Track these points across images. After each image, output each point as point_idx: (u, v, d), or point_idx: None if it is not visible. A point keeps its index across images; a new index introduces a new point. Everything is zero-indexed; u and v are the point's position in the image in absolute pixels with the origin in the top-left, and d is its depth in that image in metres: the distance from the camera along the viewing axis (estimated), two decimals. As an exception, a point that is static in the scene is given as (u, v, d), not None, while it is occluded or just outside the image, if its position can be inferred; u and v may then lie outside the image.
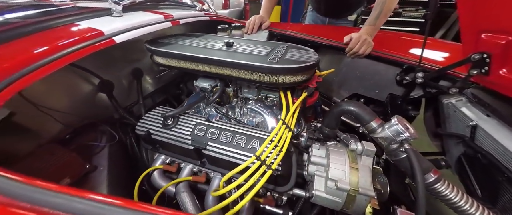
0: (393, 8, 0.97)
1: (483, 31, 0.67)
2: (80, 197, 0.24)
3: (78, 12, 0.55)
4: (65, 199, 0.24)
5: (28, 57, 0.40)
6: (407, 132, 0.45)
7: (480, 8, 0.65)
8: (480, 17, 0.67)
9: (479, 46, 0.70)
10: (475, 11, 0.67)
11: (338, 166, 0.45)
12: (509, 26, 0.62)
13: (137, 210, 0.24)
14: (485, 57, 0.69)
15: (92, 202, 0.24)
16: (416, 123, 1.09)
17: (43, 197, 0.24)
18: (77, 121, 0.66)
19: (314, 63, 0.54)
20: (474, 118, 0.75)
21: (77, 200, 0.24)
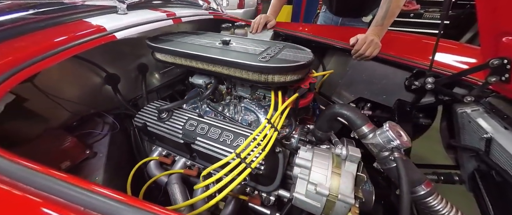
0: (401, 6, 0.90)
1: (504, 34, 0.61)
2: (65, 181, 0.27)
3: (86, 10, 0.60)
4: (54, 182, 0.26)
5: (38, 49, 0.44)
6: (398, 139, 0.43)
7: (502, 8, 0.59)
8: (502, 18, 0.60)
9: (499, 50, 0.63)
10: (496, 11, 0.61)
11: (320, 170, 0.44)
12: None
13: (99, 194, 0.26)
14: (505, 63, 0.62)
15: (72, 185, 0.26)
16: (432, 132, 1.01)
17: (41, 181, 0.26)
18: (84, 110, 0.71)
19: (304, 63, 0.53)
20: (489, 130, 0.68)
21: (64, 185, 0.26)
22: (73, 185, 0.26)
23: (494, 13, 0.61)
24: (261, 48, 0.64)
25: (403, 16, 2.21)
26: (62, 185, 0.26)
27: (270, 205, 0.62)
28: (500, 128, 0.67)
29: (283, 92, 0.61)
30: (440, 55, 0.95)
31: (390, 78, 0.97)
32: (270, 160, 0.52)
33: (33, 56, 0.42)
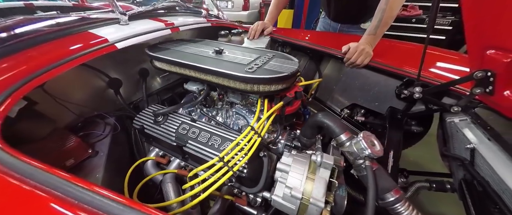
0: (394, 16, 0.92)
1: (488, 48, 0.63)
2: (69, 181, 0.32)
3: (92, 22, 0.66)
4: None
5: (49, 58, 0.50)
6: (369, 149, 0.45)
7: (487, 23, 0.61)
8: (486, 32, 0.62)
9: (483, 63, 0.65)
10: (482, 25, 0.62)
11: (296, 175, 0.47)
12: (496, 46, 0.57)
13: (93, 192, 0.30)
14: (489, 76, 0.64)
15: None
16: (433, 139, 1.00)
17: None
18: (88, 112, 0.77)
19: (288, 74, 0.56)
20: (474, 141, 0.70)
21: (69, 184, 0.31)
22: (74, 183, 0.31)
23: (479, 26, 0.63)
24: (251, 58, 0.68)
25: (405, 21, 2.19)
26: (64, 182, 0.31)
27: (257, 206, 0.66)
28: (484, 139, 0.68)
29: (270, 100, 0.65)
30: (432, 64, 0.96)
31: (382, 86, 0.99)
32: (254, 164, 0.56)
33: (44, 65, 0.48)
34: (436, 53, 1.08)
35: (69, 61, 0.51)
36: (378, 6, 0.94)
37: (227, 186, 0.64)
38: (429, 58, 1.03)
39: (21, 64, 0.48)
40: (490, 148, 0.65)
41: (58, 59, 0.51)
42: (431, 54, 1.08)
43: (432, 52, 1.09)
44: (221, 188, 0.67)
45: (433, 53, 1.09)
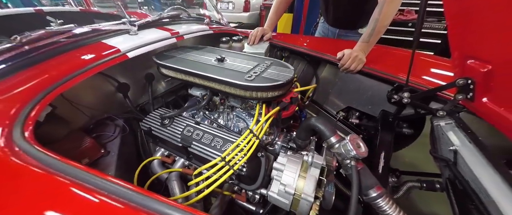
0: (387, 25, 0.98)
1: (469, 57, 0.68)
2: (95, 175, 0.37)
3: (104, 32, 0.72)
4: (84, 174, 0.37)
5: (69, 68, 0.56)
6: (355, 150, 0.51)
7: (468, 34, 0.66)
8: (467, 42, 0.68)
9: (465, 71, 0.71)
10: (463, 36, 0.68)
11: (290, 173, 0.53)
12: (490, 55, 0.63)
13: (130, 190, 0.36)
14: (469, 83, 0.69)
15: (102, 179, 0.37)
16: (425, 140, 1.05)
17: (73, 172, 0.37)
18: (99, 114, 0.83)
19: (283, 82, 0.62)
20: (456, 143, 0.75)
21: (94, 177, 0.37)
22: (91, 173, 0.37)
23: (461, 36, 0.68)
24: (250, 66, 0.74)
25: (402, 25, 2.25)
26: (82, 172, 0.37)
27: (255, 202, 0.72)
28: (465, 142, 0.74)
29: (267, 104, 0.71)
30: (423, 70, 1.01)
31: (375, 90, 1.05)
32: (252, 163, 0.62)
33: (66, 74, 0.54)
34: (427, 60, 1.14)
35: (87, 70, 0.57)
36: (372, 16, 1.00)
37: (228, 183, 0.70)
38: (421, 64, 1.09)
39: (45, 73, 0.54)
40: (470, 150, 0.70)
41: (78, 68, 0.57)
42: (424, 60, 1.13)
43: (425, 59, 1.15)
44: (223, 185, 0.73)
45: (425, 59, 1.14)
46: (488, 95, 0.66)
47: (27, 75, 0.53)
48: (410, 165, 1.66)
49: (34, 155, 0.38)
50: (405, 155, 1.70)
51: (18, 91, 0.49)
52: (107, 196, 0.34)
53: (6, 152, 0.37)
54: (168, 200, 0.34)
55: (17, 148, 0.38)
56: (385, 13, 0.96)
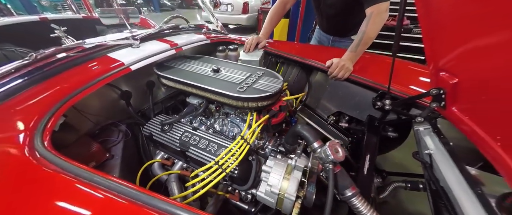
0: (374, 37, 1.05)
1: (441, 70, 0.75)
2: (102, 177, 0.44)
3: (109, 46, 0.78)
4: (95, 176, 0.44)
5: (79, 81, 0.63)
6: (333, 155, 0.58)
7: (439, 48, 0.73)
8: (439, 56, 0.75)
9: (438, 82, 0.78)
10: (435, 50, 0.75)
11: (275, 175, 0.60)
12: (456, 70, 0.70)
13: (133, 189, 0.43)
14: (441, 93, 0.77)
15: (109, 180, 0.44)
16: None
17: (84, 174, 0.44)
18: (104, 120, 0.90)
19: (272, 93, 0.69)
20: (431, 147, 0.82)
21: (101, 179, 0.43)
22: (98, 175, 0.44)
23: (434, 49, 0.75)
24: (243, 76, 0.81)
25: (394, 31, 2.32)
26: (91, 174, 0.43)
27: (248, 201, 0.79)
28: (439, 146, 0.81)
29: (258, 112, 0.78)
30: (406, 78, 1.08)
31: (362, 96, 1.12)
32: (243, 166, 0.68)
33: (77, 87, 0.61)
34: (414, 69, 1.21)
35: (95, 83, 0.64)
36: (360, 28, 1.07)
37: (222, 184, 0.77)
38: (407, 73, 1.16)
39: (58, 87, 0.61)
40: (442, 154, 0.77)
41: (87, 81, 0.63)
42: (411, 69, 1.20)
43: (412, 68, 1.22)
44: (218, 186, 0.79)
45: (412, 68, 1.21)
46: (456, 105, 0.73)
47: (43, 89, 0.60)
48: (400, 166, 1.74)
49: (53, 161, 0.45)
50: (395, 156, 1.77)
51: (36, 104, 0.56)
52: (113, 194, 0.41)
53: (30, 159, 0.44)
54: (167, 199, 0.41)
55: (39, 155, 0.45)
56: (371, 26, 1.04)
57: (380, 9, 1.04)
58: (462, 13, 0.55)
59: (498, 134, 0.55)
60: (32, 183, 0.42)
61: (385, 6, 1.05)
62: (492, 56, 0.53)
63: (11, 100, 0.56)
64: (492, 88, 0.59)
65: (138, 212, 0.39)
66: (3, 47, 1.33)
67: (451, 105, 0.75)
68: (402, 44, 2.24)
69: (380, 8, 1.04)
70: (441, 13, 0.61)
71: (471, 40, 0.58)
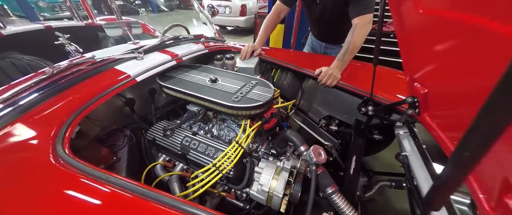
0: (359, 46, 1.14)
1: (415, 81, 0.84)
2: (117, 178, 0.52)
3: (115, 59, 0.86)
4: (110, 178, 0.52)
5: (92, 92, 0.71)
6: (316, 158, 0.66)
7: (411, 61, 0.82)
8: (412, 68, 0.84)
9: (413, 91, 0.87)
10: (409, 62, 0.84)
11: (266, 175, 0.68)
12: (426, 81, 0.79)
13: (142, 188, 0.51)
14: (415, 101, 0.86)
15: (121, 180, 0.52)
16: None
17: (102, 176, 0.52)
18: (110, 126, 0.98)
19: (263, 103, 0.77)
20: (408, 150, 0.91)
21: (115, 179, 0.51)
22: (110, 175, 0.51)
23: (408, 62, 0.84)
24: (238, 86, 0.89)
25: (384, 36, 2.42)
26: (104, 175, 0.51)
27: (243, 199, 0.87)
28: (414, 148, 0.90)
29: (252, 119, 0.86)
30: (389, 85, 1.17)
31: (349, 102, 1.21)
32: (238, 167, 0.77)
33: (90, 98, 0.68)
34: (399, 77, 1.30)
35: (105, 94, 0.72)
36: (346, 37, 1.16)
37: (219, 184, 0.85)
38: (394, 80, 1.25)
39: (73, 99, 0.68)
40: (416, 155, 0.86)
41: (98, 93, 0.71)
42: (398, 77, 1.29)
43: (399, 76, 1.31)
44: (215, 186, 0.87)
45: (399, 76, 1.31)
46: (427, 112, 0.82)
47: (59, 100, 0.67)
48: (389, 166, 1.83)
49: (74, 165, 0.53)
50: (385, 157, 1.86)
51: (55, 115, 0.63)
52: (126, 191, 0.49)
53: (55, 165, 0.52)
54: (172, 196, 0.49)
55: (62, 161, 0.53)
56: (356, 36, 1.13)
57: (365, 21, 1.13)
58: (425, 39, 0.64)
59: (456, 139, 0.64)
60: (58, 184, 0.50)
61: (368, 18, 1.14)
62: (447, 75, 0.62)
63: (32, 111, 0.64)
64: (449, 100, 0.68)
65: (146, 206, 0.47)
66: (10, 55, 1.40)
67: (424, 112, 0.84)
68: (389, 49, 2.33)
69: (365, 19, 1.13)
70: (412, 34, 0.71)
71: (433, 59, 0.67)
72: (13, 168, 0.52)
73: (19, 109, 0.62)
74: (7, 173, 0.51)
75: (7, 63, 1.33)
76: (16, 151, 0.55)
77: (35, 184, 0.49)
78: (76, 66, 0.78)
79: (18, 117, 0.61)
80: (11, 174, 0.51)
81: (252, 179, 0.79)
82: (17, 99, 0.64)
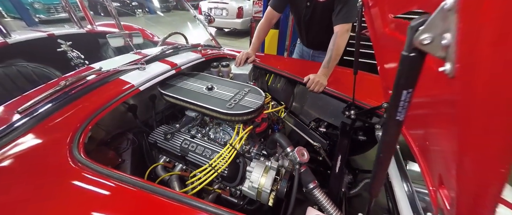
0: (341, 54, 1.25)
1: (388, 88, 0.95)
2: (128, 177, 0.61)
3: (120, 70, 0.95)
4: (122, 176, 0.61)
5: (101, 101, 0.79)
6: (299, 158, 0.76)
7: (383, 69, 0.92)
8: (385, 76, 0.94)
9: (387, 97, 0.97)
10: (382, 71, 0.94)
11: (256, 174, 0.78)
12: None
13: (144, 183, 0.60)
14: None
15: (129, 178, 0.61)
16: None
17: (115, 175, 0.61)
18: (114, 130, 1.06)
19: (254, 109, 0.87)
20: (384, 149, 1.02)
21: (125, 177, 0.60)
22: (118, 174, 0.60)
23: (382, 71, 0.94)
24: (232, 93, 0.98)
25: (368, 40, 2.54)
26: (114, 173, 0.60)
27: (237, 196, 0.97)
28: (390, 148, 1.00)
29: (244, 123, 0.96)
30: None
31: (335, 106, 1.32)
32: (232, 167, 0.86)
33: (99, 107, 0.77)
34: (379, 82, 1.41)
35: (113, 103, 0.80)
36: (328, 46, 1.26)
37: (215, 182, 0.95)
38: (372, 85, 1.36)
39: (84, 107, 0.77)
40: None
41: (106, 102, 0.80)
42: (377, 83, 1.40)
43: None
44: (212, 184, 0.97)
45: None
46: (399, 116, 0.93)
47: (72, 109, 0.76)
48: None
49: (90, 167, 0.62)
50: (372, 156, 1.98)
51: (69, 122, 0.72)
52: (135, 188, 0.58)
53: (74, 167, 0.60)
54: (174, 190, 0.58)
55: (80, 164, 0.61)
56: (337, 44, 1.23)
57: (343, 30, 1.24)
58: (392, 53, 0.74)
59: (418, 140, 0.75)
60: (76, 182, 0.58)
61: (347, 27, 1.25)
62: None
63: (49, 118, 0.72)
64: (412, 105, 0.79)
65: (154, 200, 0.56)
66: (16, 63, 1.47)
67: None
68: (372, 52, 2.44)
69: (343, 28, 1.24)
70: (384, 48, 0.81)
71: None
72: (37, 169, 0.60)
73: (37, 117, 0.71)
74: (32, 173, 0.59)
75: (13, 70, 1.40)
76: (37, 155, 0.63)
77: (56, 182, 0.58)
78: (85, 77, 0.86)
79: (37, 124, 0.70)
80: (35, 174, 0.59)
81: (244, 177, 0.88)
82: (36, 109, 0.72)
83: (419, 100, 0.48)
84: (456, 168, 0.31)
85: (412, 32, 0.27)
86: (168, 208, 0.55)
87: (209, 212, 0.52)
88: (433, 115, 0.48)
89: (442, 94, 0.38)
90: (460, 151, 0.29)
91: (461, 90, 0.24)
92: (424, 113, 0.55)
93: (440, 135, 0.45)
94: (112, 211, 0.55)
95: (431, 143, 0.57)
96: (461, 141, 0.29)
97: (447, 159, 0.37)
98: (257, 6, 3.40)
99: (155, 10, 10.47)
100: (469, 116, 0.25)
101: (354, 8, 1.24)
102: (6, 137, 0.65)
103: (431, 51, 0.26)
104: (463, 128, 0.27)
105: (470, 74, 0.22)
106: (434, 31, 0.25)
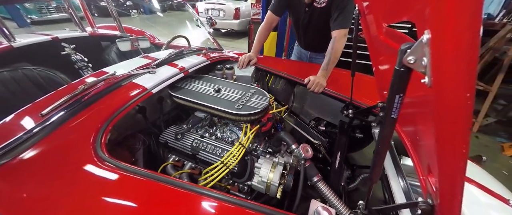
0: (339, 56, 1.33)
1: (383, 89, 1.03)
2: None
3: (133, 74, 1.00)
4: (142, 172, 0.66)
5: (117, 104, 0.84)
6: (304, 154, 0.83)
7: (378, 71, 1.00)
8: (380, 78, 1.02)
9: (382, 97, 1.06)
10: (377, 72, 1.02)
11: (264, 169, 0.85)
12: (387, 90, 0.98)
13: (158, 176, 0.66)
14: (384, 105, 1.04)
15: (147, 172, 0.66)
16: None
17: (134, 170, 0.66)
18: (125, 131, 1.11)
19: (260, 110, 0.94)
20: (380, 145, 1.10)
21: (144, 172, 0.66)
22: (136, 169, 0.66)
23: (377, 72, 1.02)
24: (239, 95, 1.05)
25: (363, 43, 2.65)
26: (132, 168, 0.66)
27: (245, 192, 1.03)
28: (386, 144, 1.09)
29: (251, 123, 1.02)
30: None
31: (334, 105, 1.40)
32: (241, 164, 0.92)
33: (116, 109, 0.82)
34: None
35: (130, 105, 0.86)
36: (327, 49, 1.34)
37: (224, 178, 1.01)
38: (369, 86, 1.45)
39: (103, 110, 0.82)
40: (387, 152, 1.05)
41: (123, 104, 0.85)
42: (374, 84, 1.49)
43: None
44: (221, 180, 1.03)
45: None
46: (393, 114, 1.01)
47: (92, 112, 0.81)
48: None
49: (114, 164, 0.67)
50: (369, 152, 2.08)
51: (90, 124, 0.77)
52: (152, 181, 0.64)
53: (100, 165, 0.66)
54: (190, 183, 0.64)
55: (105, 161, 0.67)
56: (335, 48, 1.32)
57: (340, 35, 1.32)
58: (384, 56, 0.82)
59: (410, 136, 0.83)
60: (103, 178, 0.64)
61: (344, 32, 1.33)
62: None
63: (70, 121, 0.77)
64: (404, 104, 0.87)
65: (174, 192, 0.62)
66: (22, 67, 1.49)
67: (391, 115, 1.03)
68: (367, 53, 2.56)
69: (340, 33, 1.32)
70: (378, 52, 0.89)
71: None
72: (66, 166, 0.65)
73: (60, 120, 0.75)
74: (62, 171, 0.64)
75: (19, 74, 1.43)
76: (64, 153, 0.68)
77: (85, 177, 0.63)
78: (101, 81, 0.91)
79: (60, 126, 0.74)
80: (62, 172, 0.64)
81: (252, 173, 0.95)
82: (58, 112, 0.77)
83: (409, 102, 0.55)
84: (437, 154, 0.39)
85: (402, 53, 0.35)
86: (196, 200, 0.61)
87: (229, 203, 0.58)
88: (419, 114, 0.56)
89: (424, 98, 0.46)
90: (437, 140, 0.37)
91: (435, 96, 0.33)
92: (413, 112, 0.63)
93: (425, 130, 0.53)
94: (146, 205, 0.61)
95: (420, 138, 0.65)
96: (437, 132, 0.37)
97: (431, 149, 0.45)
98: (256, 8, 3.46)
99: (150, 11, 10.38)
100: (441, 113, 0.33)
101: (350, 14, 1.32)
102: (32, 138, 0.69)
103: (415, 68, 0.34)
104: (438, 122, 0.35)
105: (440, 85, 0.30)
106: (416, 54, 0.33)
